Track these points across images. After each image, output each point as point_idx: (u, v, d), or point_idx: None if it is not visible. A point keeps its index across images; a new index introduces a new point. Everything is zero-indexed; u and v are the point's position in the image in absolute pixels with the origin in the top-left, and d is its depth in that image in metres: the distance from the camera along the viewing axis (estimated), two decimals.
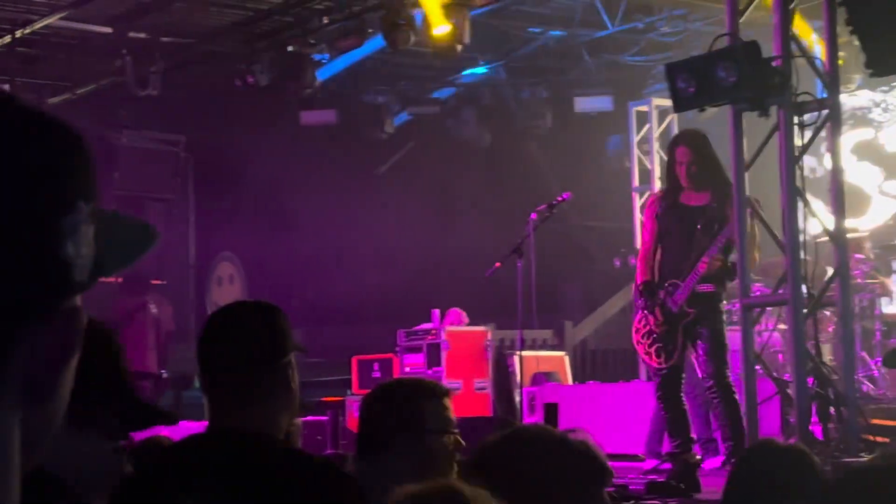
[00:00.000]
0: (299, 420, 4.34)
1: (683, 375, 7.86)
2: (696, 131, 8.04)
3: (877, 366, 10.46)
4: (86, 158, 0.95)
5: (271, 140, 15.05)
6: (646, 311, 7.83)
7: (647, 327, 7.81)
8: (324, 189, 15.49)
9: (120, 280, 12.28)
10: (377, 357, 12.56)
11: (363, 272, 16.01)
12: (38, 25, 12.28)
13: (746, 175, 7.53)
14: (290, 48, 12.55)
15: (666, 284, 7.76)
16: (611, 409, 10.37)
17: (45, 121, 0.94)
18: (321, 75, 12.96)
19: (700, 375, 7.72)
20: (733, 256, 7.66)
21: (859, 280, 10.33)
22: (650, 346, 7.80)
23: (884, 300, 10.69)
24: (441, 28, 11.31)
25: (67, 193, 0.93)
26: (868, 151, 13.04)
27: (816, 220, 7.52)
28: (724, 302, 7.92)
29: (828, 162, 9.54)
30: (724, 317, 7.87)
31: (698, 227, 7.66)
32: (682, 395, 7.77)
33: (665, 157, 12.93)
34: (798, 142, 7.37)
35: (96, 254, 0.93)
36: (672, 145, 8.09)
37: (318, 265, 15.89)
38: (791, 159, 7.26)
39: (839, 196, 7.43)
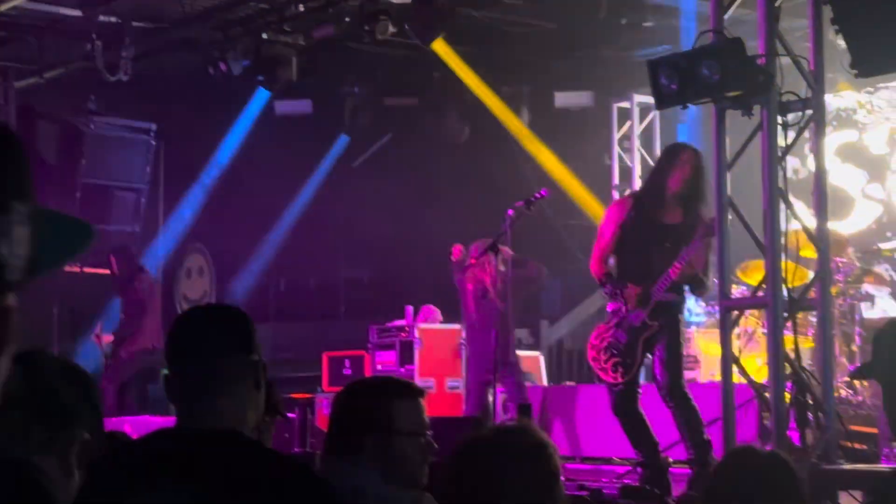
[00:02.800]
0: (272, 419, 4.33)
1: (639, 389, 7.91)
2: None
3: None
4: (19, 158, 0.92)
5: (244, 129, 14.99)
6: (614, 298, 7.83)
7: (605, 343, 7.85)
8: (298, 180, 15.45)
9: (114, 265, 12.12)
10: (348, 354, 12.55)
11: (336, 267, 15.99)
12: (5, 7, 12.18)
13: (728, 175, 7.53)
14: (264, 35, 12.49)
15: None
16: (586, 410, 10.38)
17: None
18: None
19: (657, 383, 7.77)
20: None
21: (840, 284, 10.35)
22: (606, 361, 7.85)
23: (863, 305, 10.71)
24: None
25: (0, 195, 0.89)
26: (852, 153, 13.08)
27: (798, 221, 7.52)
28: (683, 314, 8.00)
29: (811, 163, 9.56)
30: (683, 326, 7.93)
31: (666, 244, 7.68)
32: (639, 407, 7.83)
33: (645, 156, 13.05)
34: (781, 142, 7.37)
35: (33, 253, 0.90)
36: (677, 147, 8.05)
37: (290, 258, 15.85)
38: (774, 159, 7.26)
39: (822, 198, 7.44)
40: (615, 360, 7.78)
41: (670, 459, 8.05)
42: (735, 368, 7.47)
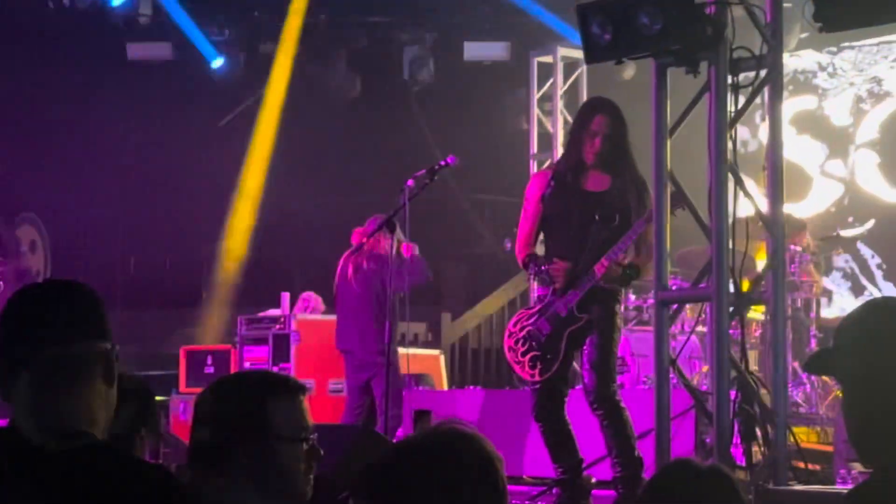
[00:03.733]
0: (148, 432, 4.32)
1: (565, 391, 7.91)
2: (615, 104, 8.07)
3: (809, 379, 10.66)
4: None
5: (90, 78, 14.77)
6: (542, 281, 7.84)
7: (524, 332, 7.85)
8: (154, 141, 15.26)
9: None
10: (211, 348, 12.47)
11: (199, 244, 15.82)
12: None
13: (668, 144, 7.56)
14: None
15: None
16: (494, 421, 10.39)
17: None
18: None
19: (584, 387, 7.78)
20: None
21: (794, 277, 10.51)
22: (524, 353, 7.82)
23: (823, 300, 10.90)
24: None
25: None
26: (811, 123, 13.26)
27: (749, 202, 7.58)
28: (621, 304, 8.02)
29: (763, 133, 9.65)
30: (619, 320, 7.95)
31: (596, 217, 7.71)
32: (563, 413, 7.84)
33: (569, 119, 13.08)
34: (731, 106, 7.41)
35: None
36: (588, 111, 8.07)
37: (143, 232, 15.67)
38: (722, 127, 7.30)
39: (777, 175, 7.49)
40: (534, 354, 7.76)
41: (593, 480, 8.08)
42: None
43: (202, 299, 15.99)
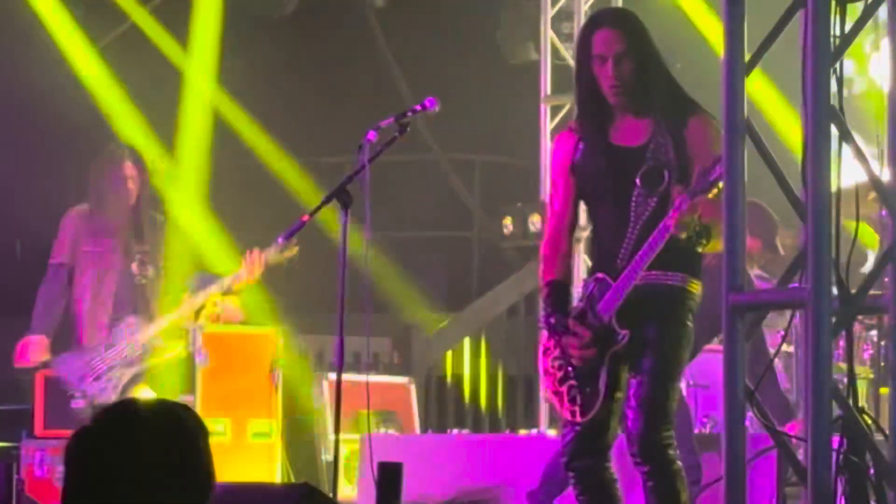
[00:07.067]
0: None
1: (611, 438, 7.83)
2: (626, 10, 8.08)
3: None
4: None
5: None
6: (553, 336, 7.74)
7: (558, 351, 7.75)
8: None
9: None
10: None
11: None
12: None
13: (745, 82, 7.63)
14: None
15: (589, 281, 7.78)
16: (489, 478, 10.47)
17: None
18: None
19: (626, 430, 7.73)
20: None
21: None
22: (562, 380, 7.76)
23: None
24: None
25: None
26: None
27: (860, 164, 7.66)
28: (693, 305, 7.89)
29: (876, 68, 9.72)
30: (690, 331, 7.89)
31: (636, 181, 7.70)
32: (609, 466, 7.81)
33: None
34: (835, 30, 7.49)
35: None
36: (585, 32, 8.03)
37: None
38: (823, 58, 7.36)
39: None
40: (571, 384, 7.72)
41: None
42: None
43: None
